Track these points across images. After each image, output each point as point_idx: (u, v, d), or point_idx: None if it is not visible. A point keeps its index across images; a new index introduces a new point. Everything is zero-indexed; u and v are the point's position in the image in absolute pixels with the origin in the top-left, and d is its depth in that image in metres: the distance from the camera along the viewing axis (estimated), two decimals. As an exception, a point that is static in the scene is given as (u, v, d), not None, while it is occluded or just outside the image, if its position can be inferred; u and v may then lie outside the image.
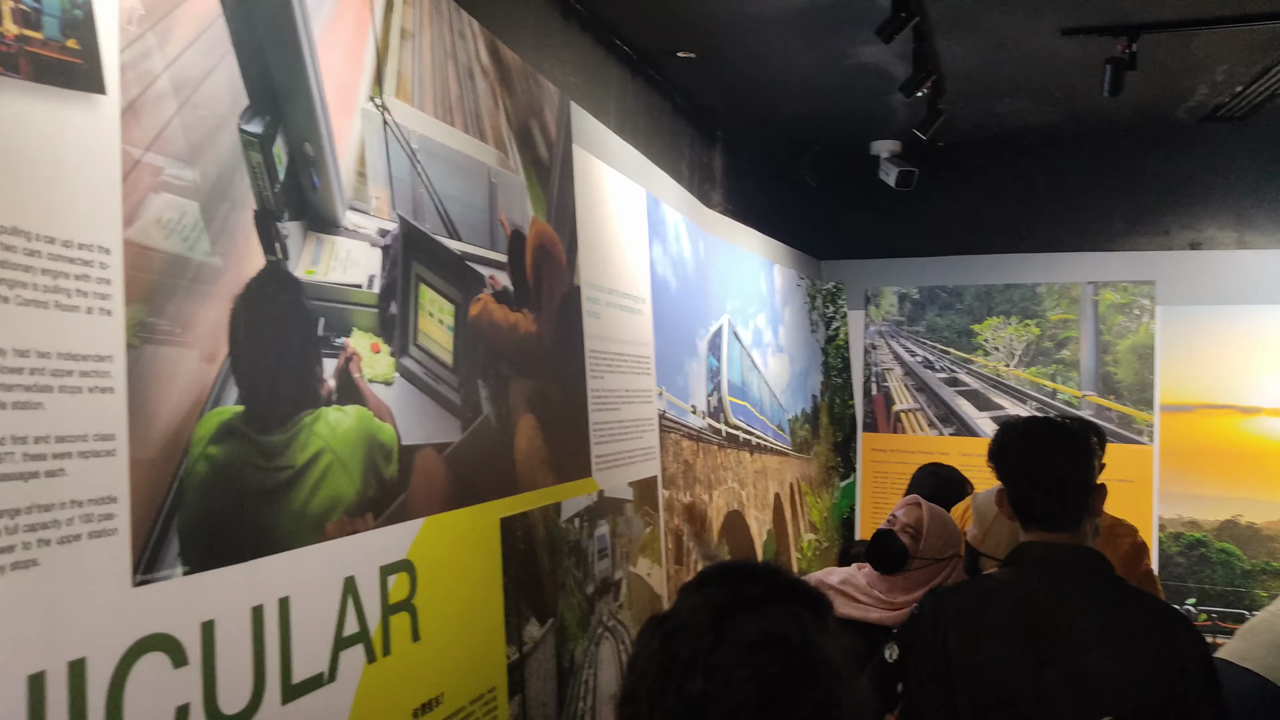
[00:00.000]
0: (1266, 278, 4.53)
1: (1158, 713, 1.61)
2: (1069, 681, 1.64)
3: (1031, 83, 4.23)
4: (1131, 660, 1.63)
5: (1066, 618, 1.69)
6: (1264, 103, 4.44)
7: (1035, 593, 1.73)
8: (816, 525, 4.77)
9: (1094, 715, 1.61)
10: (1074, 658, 1.65)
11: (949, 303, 5.11)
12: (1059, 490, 1.78)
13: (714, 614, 0.84)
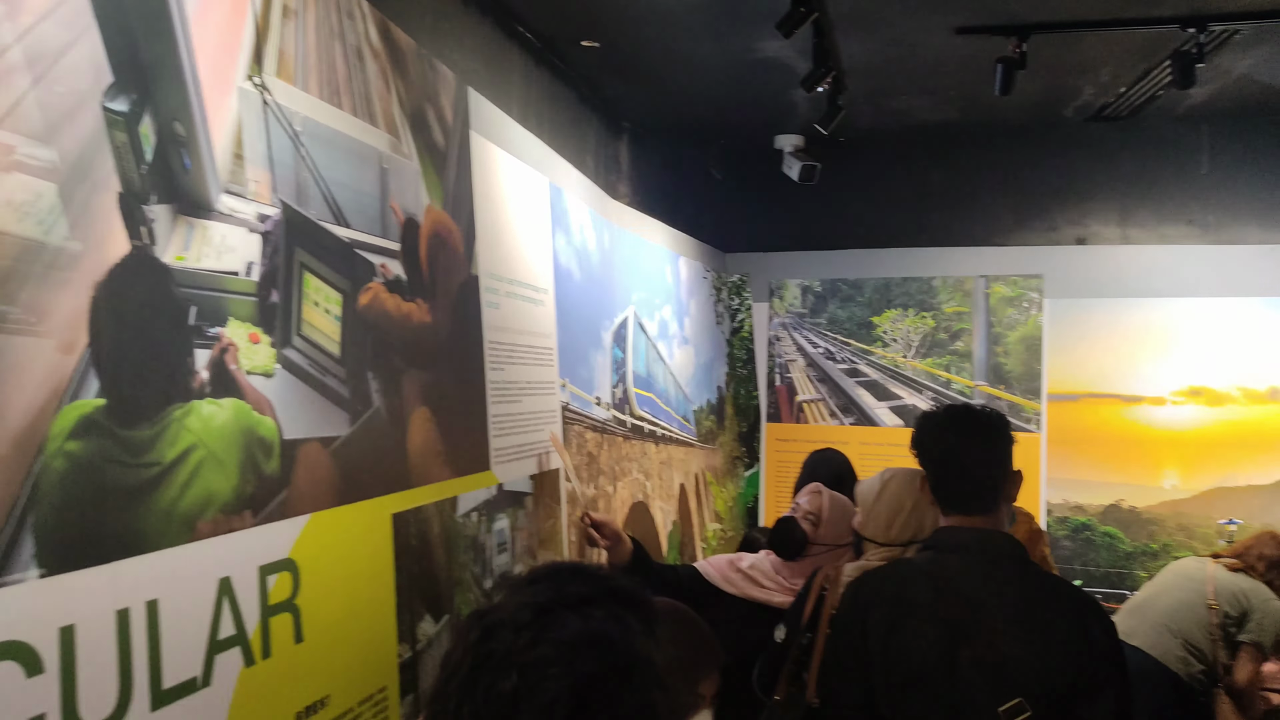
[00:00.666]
0: (1147, 271, 4.75)
1: (1066, 693, 1.66)
2: (983, 663, 1.69)
3: (927, 80, 4.33)
4: (1043, 643, 1.68)
5: (982, 600, 1.73)
6: (1145, 104, 4.64)
7: (952, 576, 1.78)
8: (721, 515, 4.82)
9: (1006, 697, 1.65)
10: (988, 640, 1.70)
11: (850, 295, 5.21)
12: (977, 476, 1.84)
13: (535, 611, 0.82)
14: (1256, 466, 4.58)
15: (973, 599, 1.74)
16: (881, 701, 1.78)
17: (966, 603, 1.74)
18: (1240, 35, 3.71)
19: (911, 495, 2.11)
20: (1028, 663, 1.66)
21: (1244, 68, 4.17)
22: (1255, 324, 4.58)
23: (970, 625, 1.72)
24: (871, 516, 2.16)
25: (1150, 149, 5.13)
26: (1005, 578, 1.75)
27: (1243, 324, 4.60)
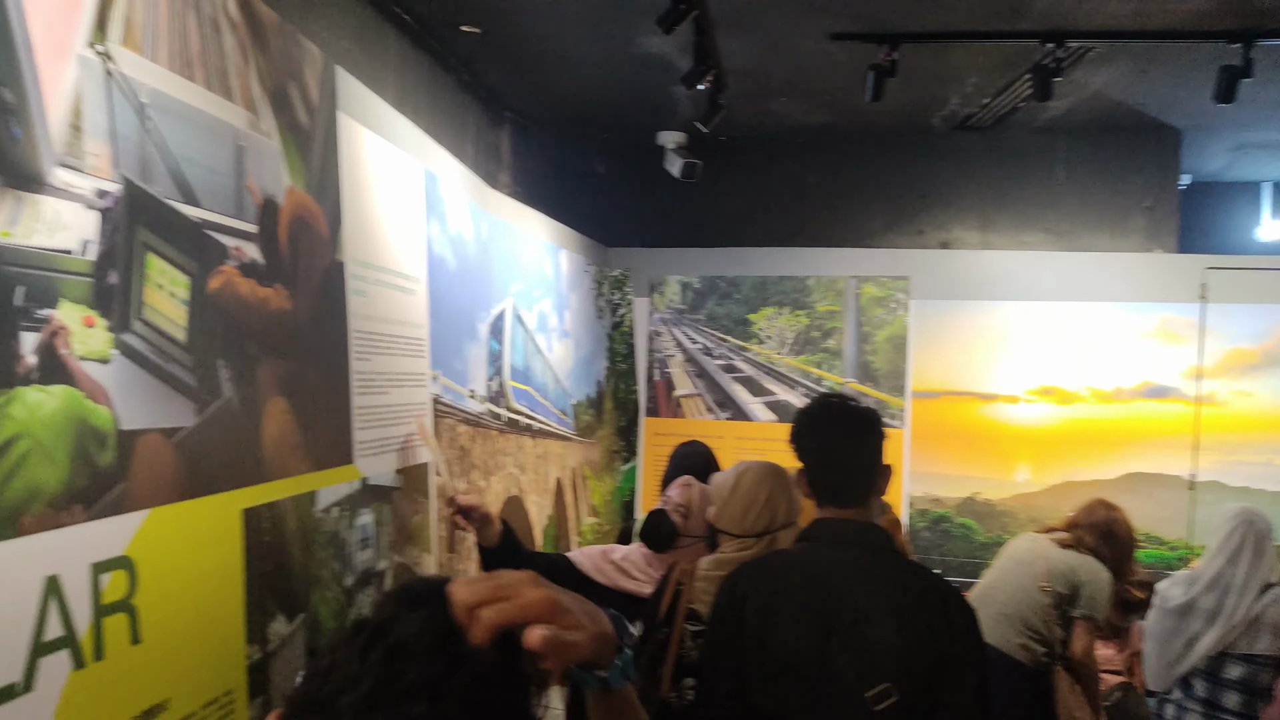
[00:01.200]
0: (1006, 276, 4.99)
1: (930, 679, 1.72)
2: (852, 651, 1.73)
3: (803, 84, 4.44)
4: (909, 630, 1.73)
5: (852, 590, 1.78)
6: (1007, 115, 4.88)
7: (825, 566, 1.82)
8: (598, 509, 4.82)
9: (874, 683, 1.70)
10: (857, 628, 1.74)
11: (728, 292, 5.29)
12: (851, 470, 1.89)
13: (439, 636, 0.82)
14: (1102, 462, 4.88)
15: (844, 589, 1.79)
16: (754, 691, 1.81)
17: (838, 592, 1.78)
18: (1095, 53, 3.94)
19: (766, 487, 2.16)
20: (894, 649, 1.72)
21: (1098, 84, 4.43)
22: (1103, 327, 4.87)
23: (841, 614, 1.76)
24: (727, 509, 2.19)
25: (1011, 158, 5.39)
26: (875, 568, 1.81)
27: (1092, 327, 4.88)
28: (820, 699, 1.75)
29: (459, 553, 2.91)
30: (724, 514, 2.20)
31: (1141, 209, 5.27)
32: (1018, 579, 3.54)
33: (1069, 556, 3.45)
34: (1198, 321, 4.76)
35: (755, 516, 2.16)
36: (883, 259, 5.18)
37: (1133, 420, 4.83)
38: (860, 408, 1.97)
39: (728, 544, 2.18)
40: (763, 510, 2.16)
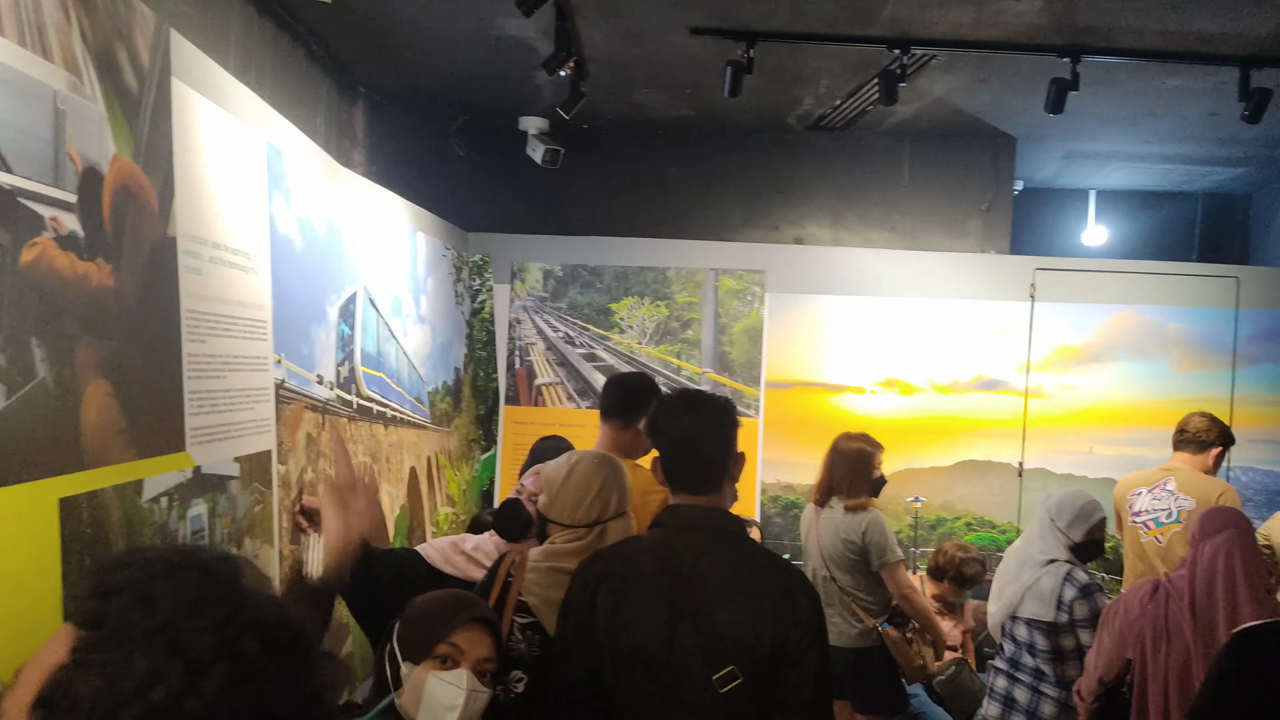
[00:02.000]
0: (854, 272, 5.19)
1: (774, 661, 1.76)
2: (700, 634, 1.76)
3: (665, 76, 4.47)
4: (754, 613, 1.77)
5: (702, 574, 1.81)
6: (857, 117, 5.06)
7: (677, 551, 1.84)
8: (455, 499, 4.75)
9: (720, 665, 1.73)
10: (705, 612, 1.77)
11: (590, 281, 5.30)
12: (706, 458, 1.92)
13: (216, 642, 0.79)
14: (939, 450, 5.15)
15: (695, 574, 1.82)
16: (605, 676, 1.83)
17: (689, 578, 1.81)
18: (937, 60, 4.13)
19: (599, 477, 2.17)
20: (740, 633, 1.76)
21: (940, 91, 4.65)
22: (943, 323, 5.13)
23: (690, 599, 1.79)
24: (558, 499, 2.18)
25: (860, 159, 5.61)
26: (724, 552, 1.85)
27: (932, 323, 5.14)
28: (668, 683, 1.78)
29: (301, 545, 2.81)
30: (555, 504, 2.19)
31: (978, 211, 5.58)
32: (814, 569, 3.69)
33: (848, 520, 3.59)
34: (1027, 319, 5.08)
35: (588, 507, 2.15)
36: (740, 252, 5.30)
37: (968, 411, 5.12)
38: (713, 397, 2.01)
39: (558, 534, 2.17)
40: (595, 500, 2.16)
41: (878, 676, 3.60)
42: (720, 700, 1.74)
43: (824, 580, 3.65)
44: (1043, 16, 3.59)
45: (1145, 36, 3.76)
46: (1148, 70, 4.13)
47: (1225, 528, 2.72)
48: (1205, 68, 4.01)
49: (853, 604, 3.62)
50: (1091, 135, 5.37)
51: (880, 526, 3.58)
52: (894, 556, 3.55)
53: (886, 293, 5.16)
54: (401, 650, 1.67)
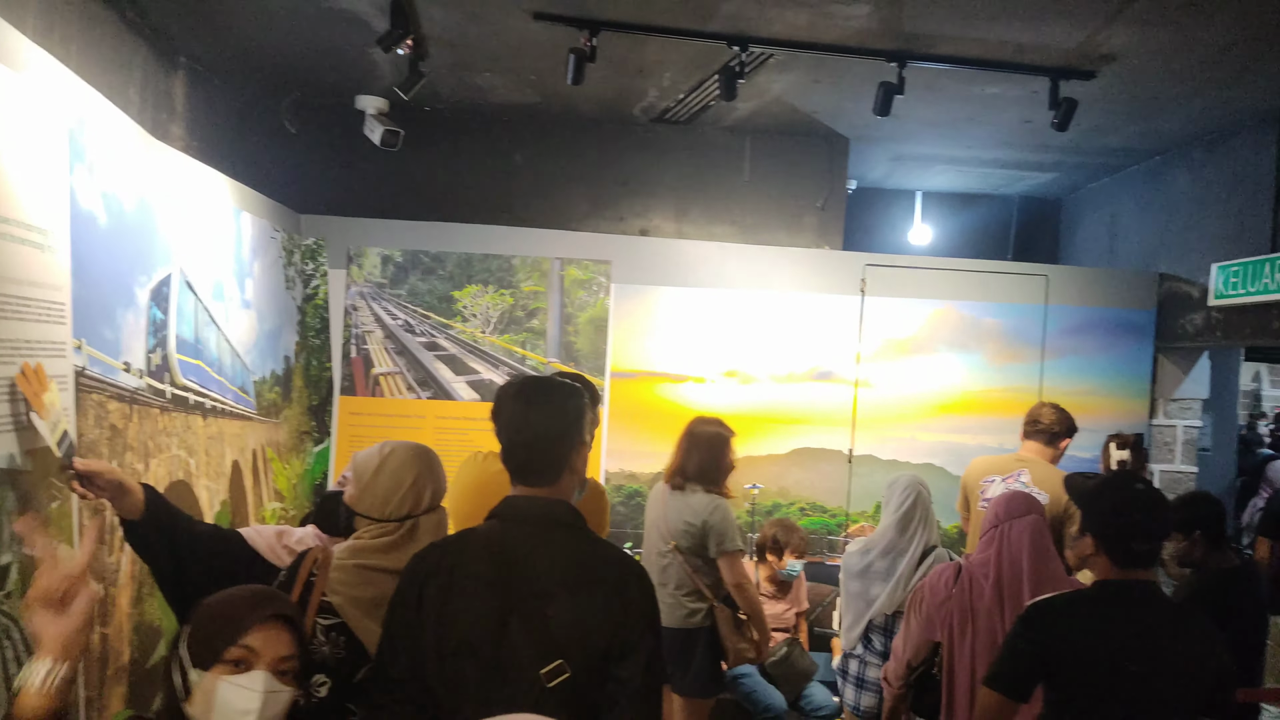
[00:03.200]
0: (698, 264, 5.26)
1: (604, 653, 1.74)
2: (530, 628, 1.73)
3: (508, 61, 4.41)
4: (586, 607, 1.75)
5: (535, 567, 1.77)
6: (700, 111, 5.14)
7: (511, 544, 1.80)
8: (284, 493, 4.54)
9: (549, 659, 1.71)
10: (537, 605, 1.74)
11: (431, 268, 5.16)
12: (539, 447, 1.86)
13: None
14: (776, 438, 5.31)
15: (527, 566, 1.78)
16: (431, 672, 1.77)
17: (521, 570, 1.78)
18: (775, 59, 4.24)
19: (412, 470, 2.09)
20: (571, 626, 1.74)
21: (778, 90, 4.77)
22: (781, 315, 5.28)
23: (522, 592, 1.76)
24: (368, 491, 2.09)
25: (704, 154, 5.71)
26: (559, 545, 1.82)
27: (771, 315, 5.28)
28: (495, 678, 1.75)
29: (108, 544, 2.61)
30: (364, 496, 2.09)
31: (814, 209, 5.78)
32: (653, 548, 3.72)
33: (685, 501, 3.64)
34: (858, 313, 5.30)
35: (399, 501, 2.08)
36: (586, 242, 5.29)
37: (802, 400, 5.29)
38: (555, 384, 1.96)
39: (366, 530, 2.08)
40: (407, 494, 2.08)
41: (701, 658, 3.65)
42: (547, 694, 1.71)
43: (659, 558, 3.67)
44: (872, 21, 3.73)
45: (966, 45, 3.98)
46: (968, 78, 4.37)
47: (1030, 511, 2.91)
48: (1020, 77, 4.27)
49: (687, 586, 3.66)
50: (918, 139, 5.65)
51: (725, 513, 3.61)
52: (734, 545, 3.58)
53: (728, 285, 5.27)
54: (191, 655, 1.54)
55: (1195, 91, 4.44)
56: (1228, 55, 3.90)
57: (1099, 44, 3.86)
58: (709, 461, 3.69)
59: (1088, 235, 6.80)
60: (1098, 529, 2.37)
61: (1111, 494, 2.41)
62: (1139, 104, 4.68)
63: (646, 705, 1.77)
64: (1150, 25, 3.63)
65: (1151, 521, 2.33)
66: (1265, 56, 3.89)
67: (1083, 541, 2.42)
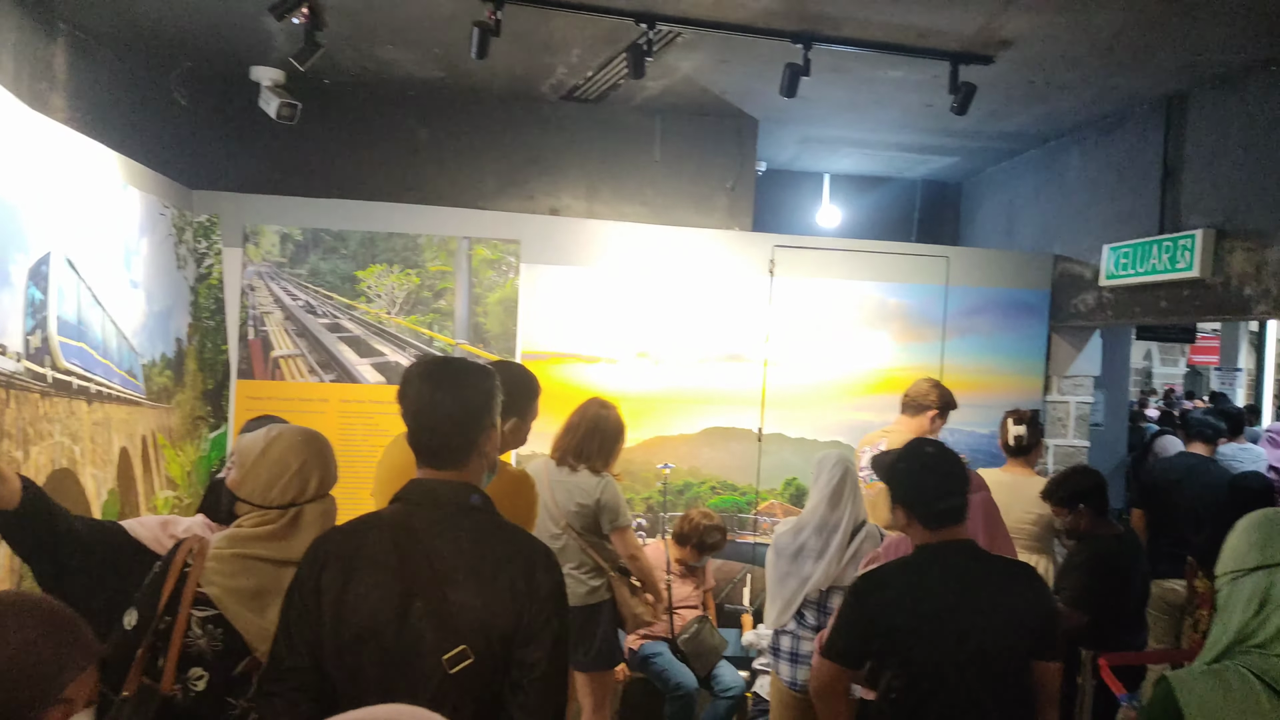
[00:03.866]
0: (608, 244, 5.23)
1: (508, 638, 1.72)
2: (433, 614, 1.69)
3: (410, 33, 4.29)
4: (490, 592, 1.72)
5: (438, 552, 1.73)
6: (609, 90, 5.09)
7: (413, 528, 1.75)
8: (177, 481, 4.37)
9: (451, 645, 1.67)
10: (439, 591, 1.70)
11: (333, 247, 5.01)
12: (444, 429, 1.82)
13: None
14: (687, 418, 5.33)
15: (430, 551, 1.74)
16: (329, 661, 1.73)
17: (424, 555, 1.74)
18: (682, 38, 4.22)
19: (298, 456, 2.03)
20: (475, 611, 1.71)
21: (687, 69, 4.76)
22: (692, 296, 5.29)
23: (424, 577, 1.72)
24: (250, 475, 2.02)
25: (614, 133, 5.67)
26: (464, 529, 1.78)
27: (682, 296, 5.29)
28: (396, 664, 1.71)
29: (-21, 537, 2.46)
30: (246, 481, 2.02)
31: (724, 190, 5.80)
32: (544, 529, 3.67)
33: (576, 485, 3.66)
34: (768, 294, 5.35)
35: (283, 487, 2.01)
36: (495, 221, 5.20)
37: (713, 380, 5.32)
38: (464, 365, 1.92)
39: (248, 517, 2.01)
40: (292, 480, 2.01)
41: (602, 630, 3.70)
42: (450, 680, 1.69)
43: (552, 539, 3.67)
44: (777, 2, 3.74)
45: (869, 28, 4.02)
46: (872, 61, 4.42)
47: (981, 488, 3.08)
48: (921, 61, 4.35)
49: (587, 563, 3.69)
50: (825, 121, 5.71)
51: (615, 491, 3.72)
52: (625, 520, 3.71)
53: (639, 266, 5.25)
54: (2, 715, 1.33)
55: (1088, 78, 4.58)
56: (1119, 42, 4.03)
57: (996, 29, 3.96)
58: (606, 445, 3.74)
59: (987, 218, 7.00)
60: (901, 497, 2.51)
61: (905, 463, 2.54)
62: (1035, 89, 4.82)
63: (552, 689, 1.76)
64: (1044, 12, 3.73)
65: (946, 480, 2.47)
66: (1154, 44, 4.04)
67: (896, 513, 2.55)
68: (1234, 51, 4.06)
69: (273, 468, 2.00)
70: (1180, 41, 3.98)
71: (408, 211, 5.10)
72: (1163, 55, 4.18)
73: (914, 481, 2.50)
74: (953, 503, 2.46)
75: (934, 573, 2.42)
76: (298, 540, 1.97)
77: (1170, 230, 4.78)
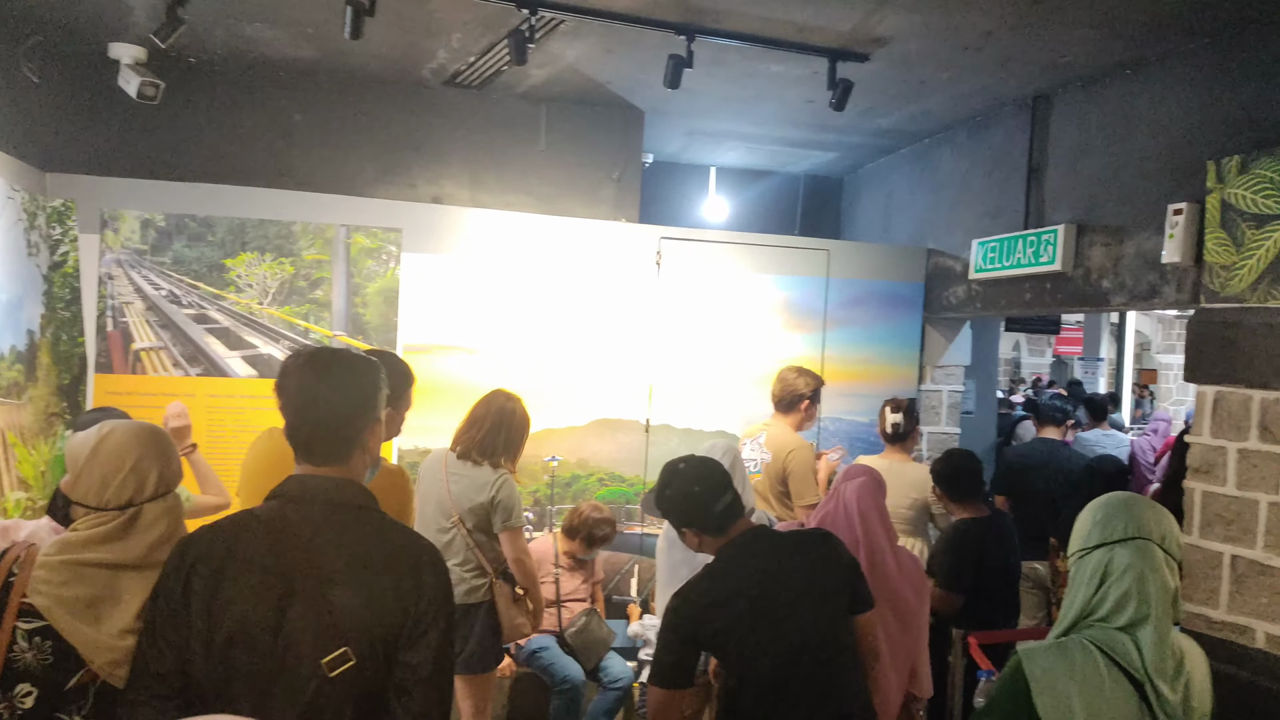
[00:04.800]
0: (493, 234, 5.15)
1: (392, 639, 1.67)
2: (312, 614, 1.63)
3: (280, 11, 4.12)
4: (374, 591, 1.66)
5: (319, 551, 1.67)
6: (493, 76, 5.00)
7: (292, 526, 1.68)
8: (30, 482, 4.09)
9: (331, 647, 1.62)
10: (319, 590, 1.64)
11: (200, 234, 4.78)
12: (325, 423, 1.75)
13: None
14: (574, 409, 5.29)
15: (310, 550, 1.68)
16: (199, 666, 1.65)
17: (303, 554, 1.67)
18: (567, 26, 4.17)
19: (133, 453, 1.92)
20: (357, 612, 1.66)
21: (571, 58, 4.72)
22: (579, 286, 5.25)
23: (303, 576, 1.66)
24: (83, 476, 1.91)
25: (498, 121, 5.58)
26: (346, 527, 1.73)
27: (569, 286, 5.24)
28: (272, 668, 1.64)
29: None
30: (80, 482, 1.91)
31: (611, 180, 5.79)
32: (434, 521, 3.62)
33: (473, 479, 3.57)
34: (654, 285, 5.36)
35: (118, 486, 1.89)
36: (375, 209, 5.05)
37: (600, 372, 5.31)
38: (347, 356, 1.85)
39: (83, 520, 1.89)
40: (128, 478, 1.90)
41: (478, 632, 3.62)
42: (330, 684, 1.63)
43: (440, 533, 3.58)
44: (658, -9, 3.75)
45: (750, 22, 4.06)
46: (754, 55, 4.47)
47: (863, 474, 3.22)
48: (801, 56, 4.42)
49: (471, 561, 3.61)
50: (710, 114, 5.76)
51: (512, 489, 3.61)
52: (519, 521, 3.59)
53: (525, 256, 5.18)
54: None
55: (959, 77, 4.75)
56: (987, 43, 4.18)
57: (871, 27, 4.05)
58: (510, 439, 3.67)
59: (866, 212, 7.19)
60: (683, 521, 2.60)
61: (670, 489, 2.61)
62: (909, 87, 4.97)
63: (437, 692, 1.72)
64: (917, 11, 3.84)
65: (711, 485, 2.56)
66: (1020, 46, 4.21)
67: (686, 537, 2.63)
68: (1094, 55, 4.26)
69: (105, 466, 1.88)
70: (1044, 44, 4.16)
71: (281, 197, 4.90)
72: (1028, 57, 4.37)
73: (686, 501, 2.57)
74: (726, 500, 2.56)
75: (738, 569, 2.48)
76: (135, 541, 1.87)
77: (1034, 225, 5.00)
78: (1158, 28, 3.82)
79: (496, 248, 5.15)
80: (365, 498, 1.79)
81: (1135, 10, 3.67)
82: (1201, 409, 3.61)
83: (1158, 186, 4.12)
